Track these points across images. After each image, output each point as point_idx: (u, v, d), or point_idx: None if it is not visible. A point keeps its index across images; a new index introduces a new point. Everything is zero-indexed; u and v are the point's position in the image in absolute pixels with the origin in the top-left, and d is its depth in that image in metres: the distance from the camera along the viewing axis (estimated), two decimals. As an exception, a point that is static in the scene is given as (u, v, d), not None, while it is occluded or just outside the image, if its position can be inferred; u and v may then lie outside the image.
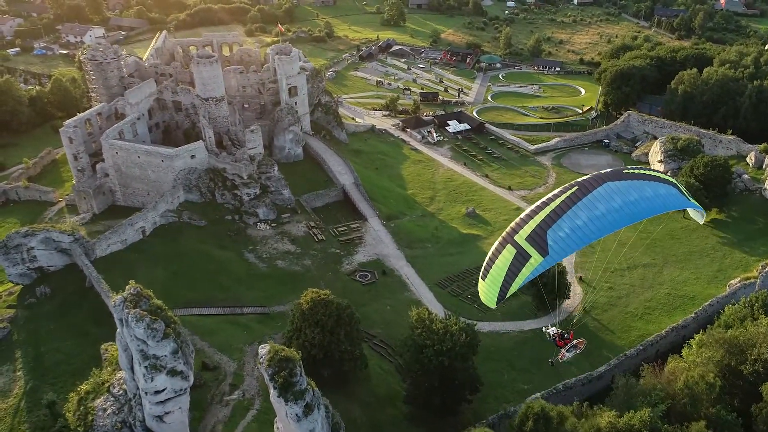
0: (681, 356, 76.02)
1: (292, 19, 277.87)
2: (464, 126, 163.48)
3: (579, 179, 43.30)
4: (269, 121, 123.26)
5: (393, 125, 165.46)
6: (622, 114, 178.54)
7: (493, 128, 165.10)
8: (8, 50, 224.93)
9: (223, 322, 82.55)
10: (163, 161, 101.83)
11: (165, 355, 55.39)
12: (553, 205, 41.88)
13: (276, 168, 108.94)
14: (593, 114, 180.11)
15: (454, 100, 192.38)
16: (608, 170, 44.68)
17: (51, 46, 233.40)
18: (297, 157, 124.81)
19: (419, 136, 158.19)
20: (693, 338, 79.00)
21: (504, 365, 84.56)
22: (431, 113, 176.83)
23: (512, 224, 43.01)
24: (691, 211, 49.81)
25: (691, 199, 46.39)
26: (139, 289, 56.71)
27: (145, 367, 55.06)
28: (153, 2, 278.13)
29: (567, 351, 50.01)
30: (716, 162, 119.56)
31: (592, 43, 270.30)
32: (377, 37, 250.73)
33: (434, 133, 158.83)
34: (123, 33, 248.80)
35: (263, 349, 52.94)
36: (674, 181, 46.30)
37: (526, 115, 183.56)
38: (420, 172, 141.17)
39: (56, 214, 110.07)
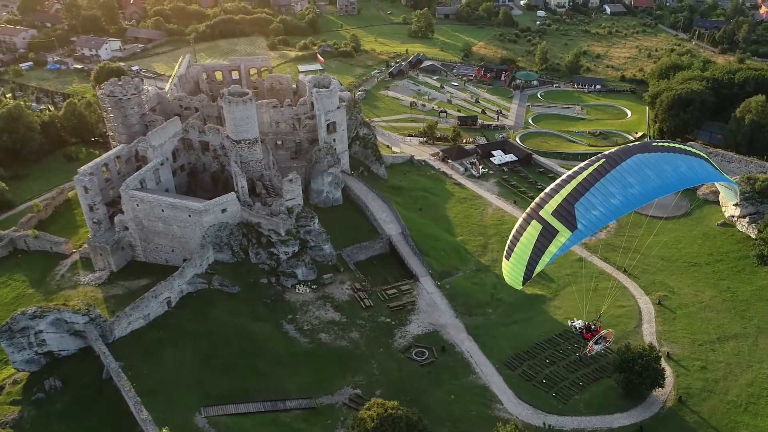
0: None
1: (316, 30, 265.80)
2: (510, 157, 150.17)
3: (606, 152, 40.51)
4: (306, 162, 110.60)
5: (432, 155, 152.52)
6: (676, 142, 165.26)
7: (542, 159, 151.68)
8: (21, 65, 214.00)
9: (264, 423, 70.07)
10: (190, 216, 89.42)
11: None
12: (579, 179, 39.07)
13: (317, 220, 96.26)
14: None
15: (493, 123, 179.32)
16: (636, 143, 41.71)
17: (65, 59, 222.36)
18: (336, 201, 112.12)
19: (462, 169, 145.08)
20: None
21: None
22: (472, 140, 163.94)
23: (536, 199, 39.77)
24: (722, 189, 48.04)
25: (724, 173, 43.77)
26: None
27: None
28: (171, 12, 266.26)
29: (595, 344, 46.25)
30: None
31: (632, 58, 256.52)
32: (406, 51, 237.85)
33: (479, 165, 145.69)
34: (140, 45, 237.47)
35: None
36: (705, 155, 43.29)
37: (573, 142, 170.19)
38: (467, 212, 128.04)
39: (69, 270, 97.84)
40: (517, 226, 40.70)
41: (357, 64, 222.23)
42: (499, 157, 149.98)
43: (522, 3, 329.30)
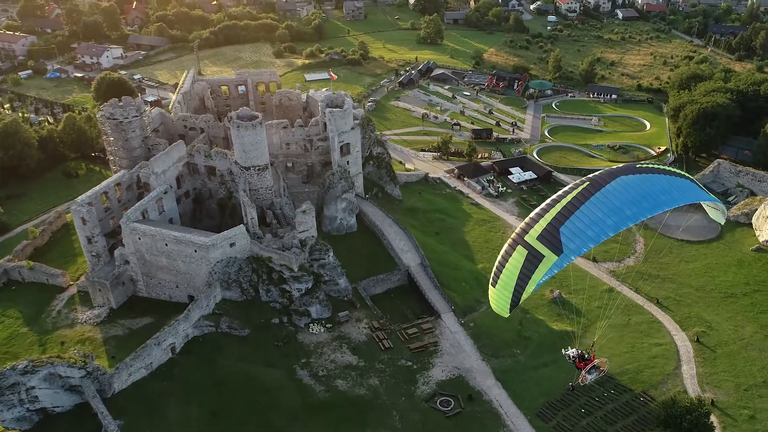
0: None
1: (322, 36, 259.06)
2: (529, 174, 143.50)
3: (590, 175, 40.65)
4: (318, 186, 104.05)
5: (447, 171, 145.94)
6: (700, 157, 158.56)
7: (562, 177, 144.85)
8: (20, 73, 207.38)
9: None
10: (196, 251, 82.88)
11: None
12: (564, 202, 39.02)
13: (331, 253, 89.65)
14: (670, 158, 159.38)
15: (509, 137, 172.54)
16: (620, 165, 41.77)
17: (65, 68, 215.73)
18: (350, 228, 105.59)
19: (479, 187, 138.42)
20: None
21: None
22: (487, 155, 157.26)
23: (522, 225, 40.16)
24: (709, 210, 47.47)
25: (710, 193, 43.33)
26: None
27: None
28: (174, 17, 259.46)
29: (588, 373, 45.87)
30: None
31: (647, 65, 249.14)
32: (416, 58, 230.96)
33: (497, 183, 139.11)
34: (142, 53, 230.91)
35: None
36: (688, 175, 43.67)
37: (593, 157, 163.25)
38: (486, 236, 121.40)
39: (66, 305, 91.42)
40: (502, 252, 40.59)
41: (366, 72, 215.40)
42: (517, 174, 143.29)
43: (532, 7, 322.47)
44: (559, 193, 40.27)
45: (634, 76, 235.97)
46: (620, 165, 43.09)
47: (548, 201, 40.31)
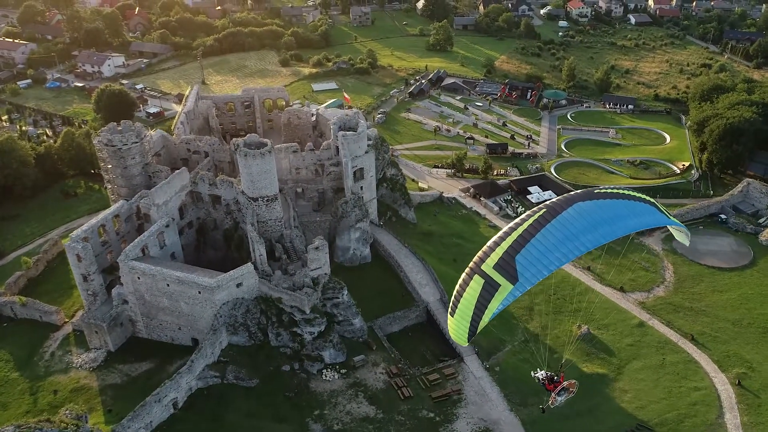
0: None
1: (329, 43, 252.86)
2: (549, 194, 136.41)
3: (547, 202, 41.11)
4: (330, 215, 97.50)
5: (462, 190, 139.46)
6: (726, 174, 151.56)
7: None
8: (19, 82, 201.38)
9: None
10: (200, 293, 76.38)
11: None
12: (520, 230, 39.29)
13: (346, 292, 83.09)
14: (694, 175, 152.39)
15: (524, 151, 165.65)
16: (578, 191, 42.67)
17: (65, 77, 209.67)
18: (364, 259, 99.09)
19: (496, 208, 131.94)
20: None
21: None
22: (503, 171, 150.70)
23: (479, 253, 40.40)
24: (674, 232, 47.00)
25: (671, 217, 43.36)
26: None
27: None
28: (177, 24, 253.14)
29: (558, 395, 45.39)
30: None
31: (663, 73, 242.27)
32: (426, 67, 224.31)
33: (515, 203, 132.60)
34: (145, 61, 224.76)
35: None
36: (651, 199, 43.48)
37: (613, 173, 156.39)
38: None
39: (60, 346, 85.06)
40: (460, 281, 40.55)
41: (375, 82, 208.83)
42: (536, 194, 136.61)
43: (542, 12, 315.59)
44: (516, 220, 40.49)
45: (651, 85, 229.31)
46: (578, 191, 42.19)
47: (505, 229, 40.45)
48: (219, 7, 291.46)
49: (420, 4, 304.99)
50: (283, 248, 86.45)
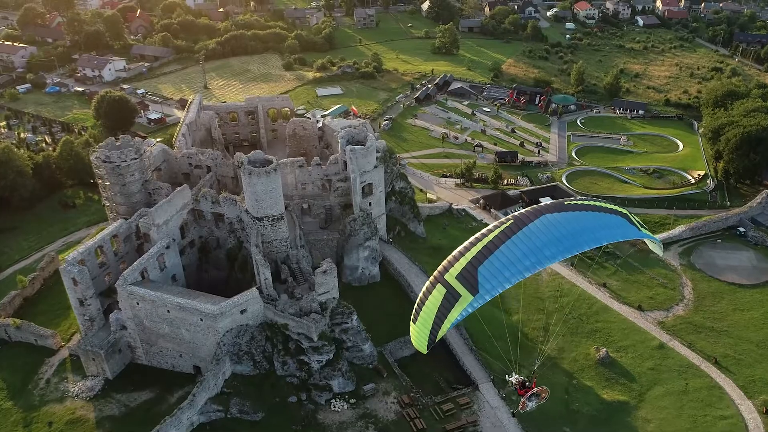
0: None
1: (333, 46, 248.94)
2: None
3: (516, 213, 40.25)
4: (338, 233, 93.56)
5: (472, 201, 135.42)
6: (743, 184, 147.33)
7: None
8: (18, 87, 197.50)
9: None
10: (202, 320, 72.45)
11: None
12: (485, 241, 38.75)
13: (355, 317, 79.15)
14: (710, 185, 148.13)
15: (535, 160, 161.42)
16: (548, 203, 41.07)
17: (65, 81, 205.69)
18: (372, 278, 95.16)
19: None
20: None
21: None
22: (513, 181, 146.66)
23: (444, 263, 39.75)
24: (648, 243, 45.86)
25: (642, 229, 42.24)
26: None
27: None
28: (179, 26, 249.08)
29: (528, 400, 45.11)
30: None
31: (673, 77, 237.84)
32: (432, 71, 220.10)
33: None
34: (146, 65, 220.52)
35: None
36: (624, 210, 42.50)
37: (626, 183, 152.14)
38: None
39: (56, 372, 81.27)
40: (423, 289, 40.81)
41: (380, 87, 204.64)
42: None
43: (549, 14, 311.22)
44: (483, 231, 39.79)
45: (661, 90, 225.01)
46: (549, 202, 41.63)
47: (471, 239, 39.67)
48: (221, 9, 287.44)
49: (425, 6, 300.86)
50: (289, 270, 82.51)
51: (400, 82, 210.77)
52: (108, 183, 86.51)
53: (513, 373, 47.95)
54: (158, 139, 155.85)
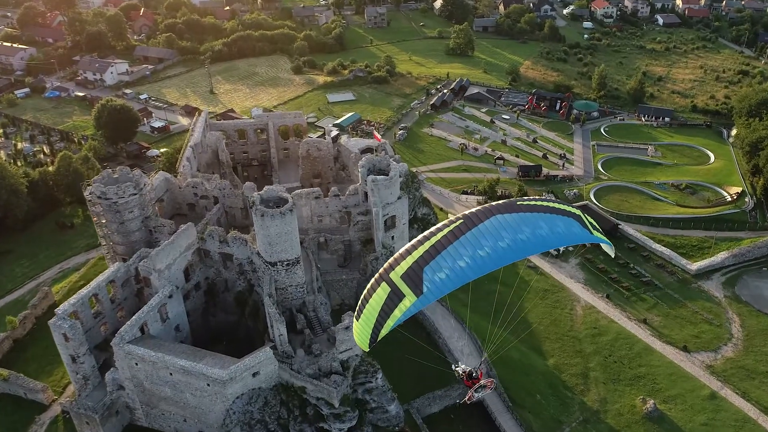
0: None
1: (343, 47, 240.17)
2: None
3: (466, 212, 38.58)
4: (358, 272, 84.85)
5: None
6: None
7: (630, 231, 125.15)
8: (16, 92, 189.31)
9: None
10: (209, 385, 63.95)
11: None
12: (433, 240, 37.15)
13: (380, 375, 70.62)
14: (749, 203, 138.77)
15: (559, 174, 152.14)
16: (500, 202, 39.06)
17: (65, 85, 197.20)
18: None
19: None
20: None
21: None
22: (538, 198, 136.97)
23: (390, 260, 38.12)
24: (603, 246, 42.39)
25: (594, 232, 39.79)
26: None
27: None
28: (184, 26, 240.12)
29: (475, 392, 43.87)
30: None
31: (698, 81, 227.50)
32: (447, 75, 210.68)
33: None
34: (150, 67, 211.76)
35: None
36: (578, 212, 40.01)
37: (658, 200, 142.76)
38: (552, 314, 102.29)
39: (47, 433, 73.06)
40: (368, 286, 38.45)
41: (393, 92, 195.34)
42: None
43: (565, 12, 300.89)
44: (432, 230, 38.06)
45: (687, 95, 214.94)
46: (500, 202, 38.16)
47: (420, 237, 38.28)
48: (228, 8, 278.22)
49: (437, 4, 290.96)
50: (306, 319, 73.91)
51: (414, 86, 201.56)
52: (104, 221, 77.94)
53: (460, 363, 46.09)
54: (162, 149, 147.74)
